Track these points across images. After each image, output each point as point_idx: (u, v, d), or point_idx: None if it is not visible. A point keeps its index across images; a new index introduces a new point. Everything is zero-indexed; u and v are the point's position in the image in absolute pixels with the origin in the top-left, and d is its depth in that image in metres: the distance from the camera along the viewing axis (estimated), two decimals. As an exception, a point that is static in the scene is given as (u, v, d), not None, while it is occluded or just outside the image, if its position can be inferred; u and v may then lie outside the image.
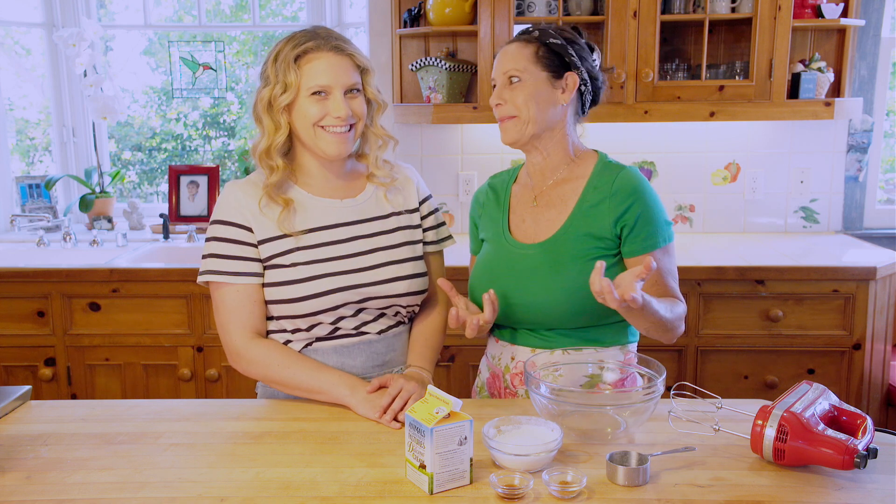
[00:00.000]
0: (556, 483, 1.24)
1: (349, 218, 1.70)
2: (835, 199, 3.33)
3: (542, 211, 1.75)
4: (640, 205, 1.66)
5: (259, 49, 3.96)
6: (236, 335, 1.64)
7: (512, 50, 1.71)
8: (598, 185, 1.70)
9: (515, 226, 1.77)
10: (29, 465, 1.37)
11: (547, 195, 1.75)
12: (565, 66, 1.69)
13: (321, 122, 1.61)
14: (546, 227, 1.72)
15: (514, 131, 1.70)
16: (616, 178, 1.68)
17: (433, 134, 3.33)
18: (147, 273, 2.82)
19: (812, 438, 1.27)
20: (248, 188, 1.66)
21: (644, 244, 1.66)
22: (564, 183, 1.74)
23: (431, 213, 1.82)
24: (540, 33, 1.71)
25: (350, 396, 1.59)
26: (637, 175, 1.71)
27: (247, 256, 1.63)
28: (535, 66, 1.68)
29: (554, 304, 1.66)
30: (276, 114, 1.62)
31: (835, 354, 2.77)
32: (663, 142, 3.26)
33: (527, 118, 1.67)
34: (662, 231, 1.68)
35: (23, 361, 2.87)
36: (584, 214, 1.69)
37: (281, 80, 1.60)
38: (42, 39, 3.59)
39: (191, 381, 2.86)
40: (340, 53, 1.62)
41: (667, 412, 1.49)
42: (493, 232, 1.80)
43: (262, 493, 1.27)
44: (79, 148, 3.68)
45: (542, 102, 1.68)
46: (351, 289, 1.64)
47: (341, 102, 1.60)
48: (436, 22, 3.01)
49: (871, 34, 3.20)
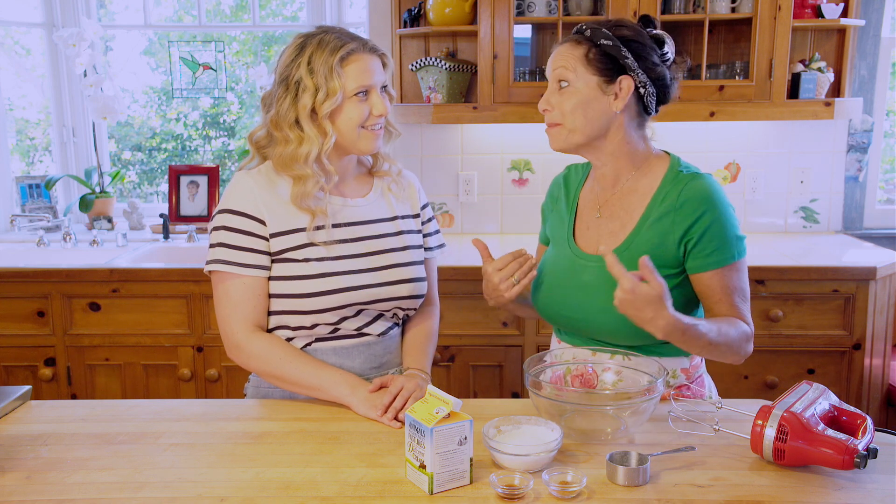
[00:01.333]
0: (556, 483, 1.24)
1: (358, 218, 1.70)
2: (835, 199, 3.33)
3: (604, 222, 1.65)
4: (708, 217, 1.53)
5: (259, 49, 3.96)
6: (238, 328, 1.63)
7: (563, 51, 1.59)
8: (665, 198, 1.58)
9: (580, 232, 1.68)
10: (29, 465, 1.37)
11: (611, 206, 1.65)
12: (619, 69, 1.56)
13: (365, 122, 1.63)
14: (609, 240, 1.62)
15: (559, 139, 1.60)
16: (684, 188, 1.56)
17: (433, 134, 3.33)
18: (147, 273, 2.82)
19: (812, 438, 1.27)
20: (260, 179, 1.65)
21: (710, 260, 1.54)
22: (630, 193, 1.63)
23: (430, 220, 1.85)
24: (591, 32, 1.57)
25: (350, 395, 1.59)
26: (709, 184, 1.57)
27: (257, 248, 1.63)
28: (585, 70, 1.56)
29: (611, 324, 1.57)
30: (321, 120, 1.60)
31: (835, 354, 2.77)
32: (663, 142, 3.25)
33: (572, 127, 1.58)
34: (732, 246, 1.54)
35: (23, 361, 2.87)
36: (648, 229, 1.58)
37: (323, 85, 1.58)
38: (42, 39, 3.59)
39: (191, 381, 2.86)
40: (375, 54, 1.65)
41: (667, 412, 1.49)
42: (558, 234, 1.72)
43: (262, 493, 1.27)
44: (79, 148, 3.68)
45: (590, 111, 1.56)
46: (359, 289, 1.64)
47: (380, 100, 1.63)
48: (436, 22, 3.01)
49: (871, 34, 3.20)
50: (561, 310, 1.65)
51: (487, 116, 2.98)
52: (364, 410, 1.56)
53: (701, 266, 1.56)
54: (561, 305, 1.65)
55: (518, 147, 3.32)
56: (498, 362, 2.83)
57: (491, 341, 2.81)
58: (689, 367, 1.67)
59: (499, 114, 2.98)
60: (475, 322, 2.80)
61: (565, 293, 1.64)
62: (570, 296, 1.63)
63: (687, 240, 1.55)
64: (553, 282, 1.67)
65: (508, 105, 2.97)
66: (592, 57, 1.56)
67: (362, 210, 1.71)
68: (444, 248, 1.88)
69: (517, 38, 3.03)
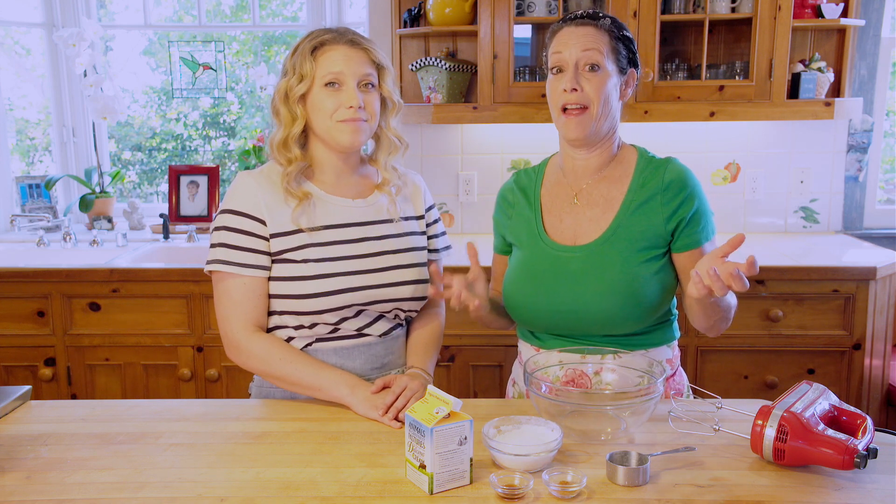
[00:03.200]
0: (556, 483, 1.24)
1: (360, 218, 1.70)
2: (835, 199, 3.33)
3: (582, 210, 1.66)
4: (694, 197, 1.60)
5: (259, 49, 3.96)
6: (238, 327, 1.64)
7: (589, 32, 1.56)
8: (646, 182, 1.62)
9: (552, 226, 1.68)
10: (29, 465, 1.37)
11: (588, 193, 1.66)
12: (630, 62, 1.61)
13: (335, 113, 1.62)
14: (589, 228, 1.64)
15: (585, 125, 1.57)
16: (665, 171, 1.62)
17: (433, 134, 3.33)
18: (147, 273, 2.82)
19: (812, 438, 1.27)
20: (262, 180, 1.66)
21: (699, 236, 1.60)
22: (606, 180, 1.66)
23: (435, 222, 1.84)
24: (612, 21, 1.58)
25: (350, 396, 1.59)
26: (685, 166, 1.64)
27: (257, 249, 1.63)
28: (609, 58, 1.57)
29: (608, 309, 1.58)
30: (292, 104, 1.64)
31: (835, 354, 2.77)
32: (663, 142, 3.25)
33: (598, 113, 1.56)
34: (710, 223, 1.63)
35: (23, 361, 2.87)
36: (633, 213, 1.61)
37: (297, 71, 1.63)
38: (42, 39, 3.59)
39: (191, 381, 2.86)
40: (356, 46, 1.64)
41: (667, 412, 1.49)
42: (526, 234, 1.70)
43: (262, 493, 1.27)
44: (79, 148, 3.68)
45: (612, 101, 1.58)
46: (359, 290, 1.64)
47: (353, 91, 1.62)
48: (436, 22, 3.01)
49: (871, 34, 3.20)
50: (550, 306, 1.63)
51: (487, 116, 2.98)
52: (364, 410, 1.56)
53: (691, 243, 1.60)
54: (549, 302, 1.63)
55: (518, 147, 3.32)
56: (498, 362, 2.83)
57: (491, 341, 2.81)
58: (672, 356, 1.70)
59: (499, 114, 2.98)
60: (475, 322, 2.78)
61: (552, 288, 1.63)
62: (558, 290, 1.62)
63: (678, 219, 1.60)
64: (535, 280, 1.65)
65: (508, 105, 2.97)
66: (615, 47, 1.58)
67: (364, 211, 1.71)
68: (450, 249, 1.87)
69: (517, 38, 3.03)
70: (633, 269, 1.58)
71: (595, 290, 1.59)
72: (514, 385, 1.85)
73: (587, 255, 1.61)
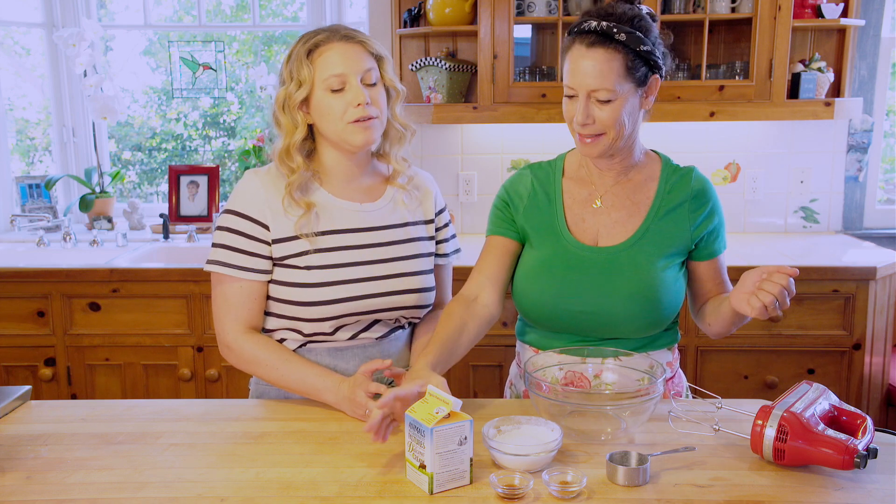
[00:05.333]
0: (556, 483, 1.24)
1: (366, 224, 1.67)
2: (835, 199, 3.33)
3: (606, 211, 1.64)
4: (718, 209, 1.65)
5: (259, 49, 3.96)
6: (230, 328, 1.63)
7: (599, 60, 1.49)
8: (673, 189, 1.63)
9: (574, 225, 1.64)
10: (29, 465, 1.37)
11: (612, 195, 1.64)
12: (651, 69, 1.55)
13: (345, 115, 1.58)
14: (614, 230, 1.62)
15: (600, 147, 1.56)
16: (692, 180, 1.64)
17: (433, 134, 3.33)
18: (147, 273, 2.82)
19: (812, 438, 1.27)
20: (268, 182, 1.64)
21: (717, 247, 1.66)
22: (630, 184, 1.64)
23: (446, 225, 1.81)
24: (627, 37, 1.49)
25: (336, 406, 1.57)
26: (705, 176, 1.68)
27: (257, 253, 1.62)
28: (625, 81, 1.51)
29: (626, 314, 1.57)
30: (293, 112, 1.61)
31: (835, 354, 2.77)
32: (663, 142, 3.23)
33: (616, 135, 1.54)
34: (724, 233, 1.68)
35: (23, 361, 2.87)
36: (661, 218, 1.61)
37: (295, 77, 1.59)
38: (42, 39, 3.59)
39: (191, 381, 2.86)
40: (351, 41, 1.60)
41: (667, 412, 1.49)
42: (545, 229, 1.65)
43: (262, 494, 1.27)
44: (79, 148, 3.68)
45: (631, 116, 1.55)
46: (361, 299, 1.63)
47: (358, 89, 1.57)
48: (436, 22, 3.01)
49: (871, 34, 3.20)
50: (571, 306, 1.59)
51: (487, 116, 2.98)
52: (352, 415, 1.55)
53: (712, 252, 1.65)
54: (570, 302, 1.59)
55: (518, 147, 3.32)
56: (498, 362, 2.83)
57: (491, 341, 2.80)
58: (672, 359, 1.70)
59: (499, 114, 2.97)
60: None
61: (574, 289, 1.59)
62: (581, 290, 1.59)
63: (704, 229, 1.63)
64: (556, 278, 1.62)
65: (508, 105, 2.96)
66: (631, 66, 1.51)
67: (372, 215, 1.68)
68: (459, 252, 1.84)
69: (517, 38, 3.03)
70: (659, 273, 1.58)
71: (621, 294, 1.57)
72: (511, 387, 1.85)
73: (612, 256, 1.60)
